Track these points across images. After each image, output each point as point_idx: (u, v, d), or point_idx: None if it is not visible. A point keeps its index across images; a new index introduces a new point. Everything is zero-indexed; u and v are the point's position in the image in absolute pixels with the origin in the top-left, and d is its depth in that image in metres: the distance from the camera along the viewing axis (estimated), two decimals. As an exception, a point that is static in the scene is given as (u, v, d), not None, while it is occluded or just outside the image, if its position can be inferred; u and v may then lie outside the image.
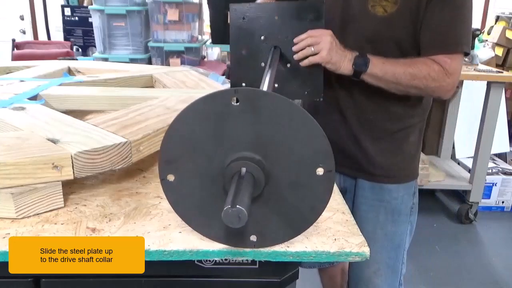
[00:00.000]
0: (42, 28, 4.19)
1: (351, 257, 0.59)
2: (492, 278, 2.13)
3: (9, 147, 0.65)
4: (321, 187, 0.57)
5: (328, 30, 0.99)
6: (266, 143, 0.56)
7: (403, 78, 1.00)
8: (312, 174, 0.56)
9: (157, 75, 1.24)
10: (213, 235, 0.59)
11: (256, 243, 0.58)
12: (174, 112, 0.86)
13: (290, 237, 0.59)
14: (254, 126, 0.55)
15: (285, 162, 0.56)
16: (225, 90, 0.55)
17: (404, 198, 1.19)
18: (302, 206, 0.58)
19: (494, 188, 2.78)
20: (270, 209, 0.58)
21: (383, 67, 1.00)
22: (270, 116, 0.55)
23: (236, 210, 0.48)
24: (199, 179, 0.57)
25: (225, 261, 0.61)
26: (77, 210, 0.67)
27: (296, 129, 0.55)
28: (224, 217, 0.48)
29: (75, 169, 0.64)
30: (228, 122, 0.55)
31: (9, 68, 1.33)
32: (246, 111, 0.54)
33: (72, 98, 1.01)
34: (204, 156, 0.56)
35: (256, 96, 0.54)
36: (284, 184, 0.57)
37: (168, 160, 0.57)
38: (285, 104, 0.55)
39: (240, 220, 0.48)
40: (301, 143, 0.56)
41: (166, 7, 3.06)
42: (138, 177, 0.79)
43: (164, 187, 0.58)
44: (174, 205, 0.59)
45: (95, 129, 0.74)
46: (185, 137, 0.56)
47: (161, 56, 3.15)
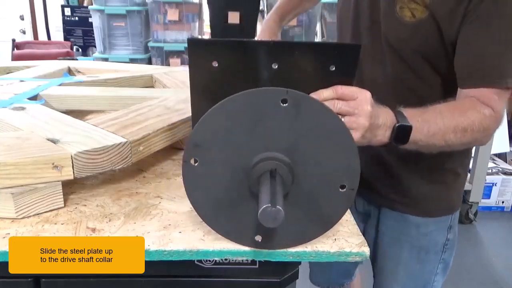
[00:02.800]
0: (42, 28, 4.19)
1: (351, 257, 0.59)
2: (492, 278, 2.13)
3: (9, 147, 0.65)
4: (340, 203, 0.57)
5: (367, 92, 0.66)
6: (299, 149, 0.55)
7: (454, 138, 0.76)
8: (335, 188, 0.56)
9: (157, 75, 1.24)
10: (219, 227, 0.58)
11: (259, 244, 0.58)
12: (174, 112, 0.86)
13: (293, 245, 0.59)
14: (293, 130, 0.55)
15: (312, 171, 0.56)
16: (277, 89, 0.54)
17: (433, 234, 0.99)
18: (315, 217, 0.58)
19: (494, 188, 2.78)
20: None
21: (428, 129, 0.74)
22: (311, 123, 0.55)
23: (275, 210, 0.48)
24: (222, 170, 0.56)
25: (225, 261, 0.61)
26: (77, 210, 0.67)
27: (332, 141, 0.55)
28: (262, 215, 0.48)
29: (75, 169, 0.64)
30: (269, 121, 0.54)
31: (9, 68, 1.33)
32: (291, 113, 0.54)
33: (72, 98, 1.01)
34: (234, 148, 0.55)
35: (305, 102, 0.54)
36: (305, 192, 0.57)
37: (197, 143, 0.55)
38: (330, 115, 0.55)
39: (276, 220, 0.48)
40: (332, 156, 0.55)
41: (166, 7, 3.07)
42: (138, 177, 0.79)
43: (185, 169, 0.56)
44: (188, 189, 0.58)
45: (95, 129, 0.74)
46: (220, 126, 0.55)
47: (161, 56, 3.15)
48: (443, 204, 0.99)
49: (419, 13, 0.83)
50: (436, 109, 0.77)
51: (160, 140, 0.78)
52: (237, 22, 2.81)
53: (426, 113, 0.75)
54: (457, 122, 0.75)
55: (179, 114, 0.85)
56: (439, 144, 0.76)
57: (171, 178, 0.79)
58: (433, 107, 0.77)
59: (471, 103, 0.79)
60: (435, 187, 0.97)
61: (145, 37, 3.22)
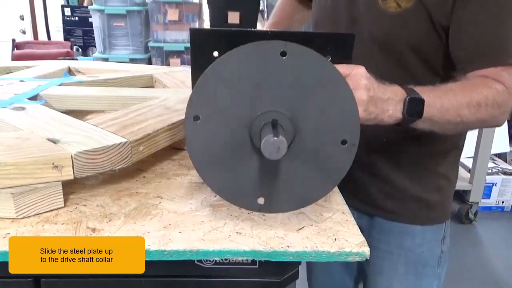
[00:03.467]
0: (42, 28, 4.20)
1: (351, 256, 0.59)
2: (492, 278, 2.13)
3: (9, 147, 0.65)
4: (342, 159, 0.57)
5: (360, 67, 0.65)
6: (299, 103, 0.55)
7: (468, 113, 0.73)
8: (336, 144, 0.56)
9: (157, 75, 1.24)
10: (220, 189, 0.58)
11: (263, 207, 0.58)
12: (174, 112, 0.86)
13: (297, 207, 0.59)
14: (293, 83, 0.55)
15: (312, 126, 0.56)
16: (276, 41, 0.54)
17: (431, 244, 0.95)
18: (318, 174, 0.57)
19: (494, 188, 2.78)
20: (284, 173, 0.57)
21: (442, 104, 0.71)
22: (310, 76, 0.55)
23: (278, 139, 0.48)
24: (225, 125, 0.56)
25: (225, 261, 0.61)
26: (77, 210, 0.67)
27: (331, 95, 0.55)
28: (265, 146, 0.49)
29: (75, 169, 0.64)
30: (269, 74, 0.55)
31: (9, 68, 1.33)
32: (290, 66, 0.54)
33: (72, 98, 1.01)
34: (235, 104, 0.56)
35: (304, 54, 0.54)
36: (306, 149, 0.56)
37: (199, 100, 0.56)
38: (330, 69, 0.55)
39: (279, 151, 0.49)
40: (332, 110, 0.56)
41: (166, 7, 3.07)
42: (138, 177, 0.79)
43: (188, 126, 0.56)
44: (190, 148, 0.57)
45: (95, 129, 0.74)
46: (221, 81, 0.55)
47: (161, 56, 3.16)
48: (438, 211, 0.95)
49: (405, 2, 0.79)
50: (446, 86, 0.75)
51: (160, 140, 0.78)
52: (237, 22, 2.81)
53: (437, 90, 0.73)
54: (470, 97, 0.72)
55: (179, 114, 0.85)
56: (454, 120, 0.73)
57: (171, 178, 0.79)
58: (443, 85, 0.75)
59: (481, 81, 0.76)
60: (429, 192, 0.94)
61: (145, 37, 3.22)
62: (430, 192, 0.94)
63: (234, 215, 0.66)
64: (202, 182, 0.76)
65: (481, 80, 0.76)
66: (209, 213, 0.66)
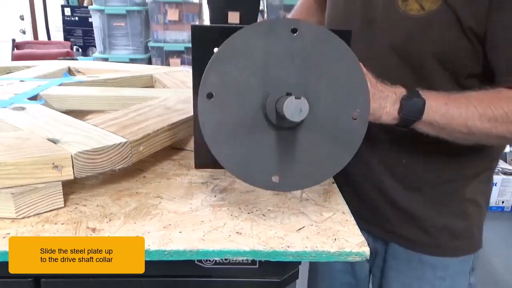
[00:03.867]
0: (42, 28, 4.20)
1: (351, 256, 0.59)
2: (492, 278, 2.13)
3: (9, 147, 0.65)
4: (353, 134, 0.58)
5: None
6: (312, 78, 0.57)
7: (480, 126, 0.67)
8: (347, 118, 0.58)
9: (157, 75, 1.24)
10: (233, 166, 0.58)
11: (277, 185, 0.58)
12: (174, 112, 0.86)
13: (313, 183, 0.59)
14: (305, 58, 0.56)
15: (324, 100, 0.57)
16: (288, 18, 0.57)
17: (455, 278, 0.84)
18: (331, 149, 0.58)
19: (494, 188, 2.78)
20: (299, 148, 0.58)
21: (447, 110, 0.67)
22: (322, 53, 0.56)
23: (301, 100, 0.49)
24: (239, 102, 0.56)
25: (225, 261, 0.61)
26: (77, 210, 0.67)
27: (343, 71, 0.57)
28: (287, 106, 0.49)
29: (75, 169, 0.64)
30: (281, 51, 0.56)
31: (9, 68, 1.33)
32: (302, 42, 0.56)
33: (72, 98, 1.01)
34: (248, 81, 0.56)
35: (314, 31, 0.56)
36: (319, 124, 0.57)
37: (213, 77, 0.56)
38: (340, 46, 0.56)
39: (302, 112, 0.50)
40: (344, 86, 0.57)
41: (166, 7, 3.07)
42: (138, 177, 0.79)
43: (201, 103, 0.56)
44: (203, 125, 0.57)
45: (95, 129, 0.74)
46: (236, 56, 0.56)
47: (161, 56, 3.16)
48: (465, 241, 0.84)
49: (429, 3, 0.70)
50: (462, 95, 0.69)
51: (160, 140, 0.78)
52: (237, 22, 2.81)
53: (447, 96, 0.68)
54: (485, 111, 0.66)
55: (179, 114, 0.85)
56: (462, 130, 0.67)
57: (171, 178, 0.79)
58: (459, 93, 0.69)
59: (506, 94, 0.68)
60: (454, 220, 0.83)
61: (145, 37, 3.22)
62: (456, 220, 0.83)
63: (234, 215, 0.66)
64: (202, 182, 0.76)
65: (506, 93, 0.68)
66: (209, 213, 0.66)
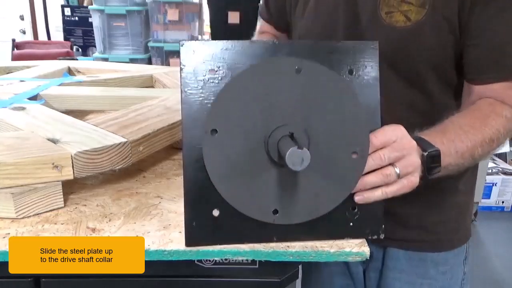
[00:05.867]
0: (42, 28, 4.19)
1: (351, 256, 0.59)
2: (492, 278, 2.13)
3: (9, 147, 0.65)
4: (353, 169, 0.59)
5: (399, 126, 0.60)
6: (313, 116, 0.58)
7: (481, 152, 0.68)
8: (347, 155, 0.59)
9: (157, 75, 1.24)
10: (237, 201, 0.58)
11: (277, 218, 0.59)
12: (174, 112, 0.86)
13: (308, 217, 0.60)
14: (307, 98, 0.57)
15: (325, 138, 0.58)
16: (292, 58, 0.57)
17: (454, 270, 0.87)
18: (329, 186, 0.59)
19: (494, 188, 2.78)
20: (299, 184, 0.59)
21: (456, 148, 0.65)
22: (325, 93, 0.58)
23: (303, 151, 0.50)
24: (242, 139, 0.57)
25: (225, 261, 0.61)
26: (77, 210, 0.67)
27: (344, 110, 0.58)
28: (289, 156, 0.50)
29: (75, 169, 0.64)
30: (284, 90, 0.57)
31: (9, 68, 1.33)
32: (305, 82, 0.57)
33: (72, 98, 1.01)
34: (251, 119, 0.57)
35: (316, 70, 0.57)
36: (319, 160, 0.58)
37: (217, 114, 0.57)
38: (343, 86, 0.58)
39: (303, 162, 0.51)
40: (344, 125, 0.58)
41: (166, 7, 3.07)
42: (138, 177, 0.79)
43: (205, 140, 0.57)
44: (207, 161, 0.57)
45: (95, 129, 0.74)
46: (240, 95, 0.57)
47: (161, 56, 3.15)
48: (460, 232, 0.86)
49: (415, 14, 0.70)
50: (455, 125, 0.68)
51: (160, 140, 0.78)
52: (237, 22, 2.81)
53: (447, 132, 0.67)
54: (482, 135, 0.67)
55: (179, 114, 0.84)
56: (468, 162, 0.68)
57: (171, 178, 0.79)
58: (451, 123, 0.69)
59: (489, 107, 0.70)
60: (450, 213, 0.84)
61: (145, 37, 3.21)
62: (452, 212, 0.84)
63: (234, 215, 0.66)
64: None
65: (489, 107, 0.70)
66: (209, 213, 0.66)
